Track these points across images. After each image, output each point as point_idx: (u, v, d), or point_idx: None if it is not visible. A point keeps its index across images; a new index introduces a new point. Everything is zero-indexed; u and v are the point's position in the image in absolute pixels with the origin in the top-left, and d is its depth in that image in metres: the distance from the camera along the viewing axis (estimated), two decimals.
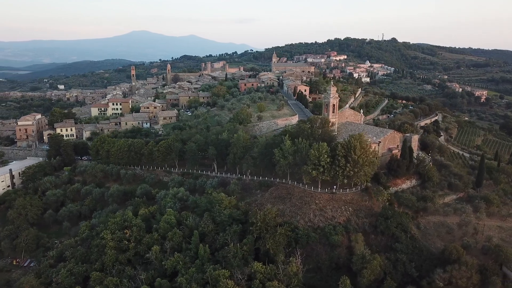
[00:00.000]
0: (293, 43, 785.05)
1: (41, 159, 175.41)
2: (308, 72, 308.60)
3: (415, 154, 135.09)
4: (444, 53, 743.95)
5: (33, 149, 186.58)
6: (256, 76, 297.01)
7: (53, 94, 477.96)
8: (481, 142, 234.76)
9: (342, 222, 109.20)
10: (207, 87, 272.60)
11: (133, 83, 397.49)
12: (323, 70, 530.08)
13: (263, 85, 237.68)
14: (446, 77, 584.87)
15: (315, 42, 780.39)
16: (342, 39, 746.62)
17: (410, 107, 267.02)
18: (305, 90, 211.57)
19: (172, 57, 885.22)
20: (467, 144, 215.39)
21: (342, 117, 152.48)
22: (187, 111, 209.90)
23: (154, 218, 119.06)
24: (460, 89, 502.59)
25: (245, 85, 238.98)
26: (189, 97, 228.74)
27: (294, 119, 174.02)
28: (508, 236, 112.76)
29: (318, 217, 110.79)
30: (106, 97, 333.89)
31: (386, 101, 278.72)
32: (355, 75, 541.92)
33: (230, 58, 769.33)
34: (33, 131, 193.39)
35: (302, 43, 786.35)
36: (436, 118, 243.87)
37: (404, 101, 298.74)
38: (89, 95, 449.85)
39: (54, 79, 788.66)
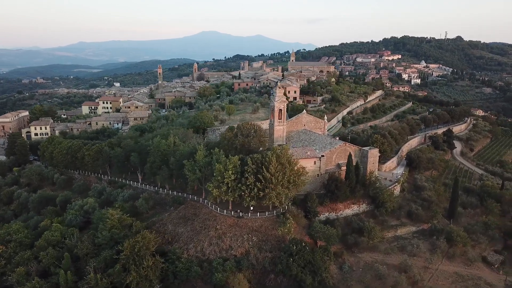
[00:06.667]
0: (347, 42, 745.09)
1: (4, 157, 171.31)
2: (327, 72, 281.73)
3: (376, 172, 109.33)
4: None
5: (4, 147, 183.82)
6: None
7: (94, 92, 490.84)
8: None
9: (239, 255, 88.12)
10: (214, 86, 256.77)
11: (159, 82, 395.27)
12: (367, 71, 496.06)
13: (258, 85, 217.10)
14: None
15: (371, 41, 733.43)
16: (398, 37, 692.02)
17: (437, 111, 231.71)
18: (295, 92, 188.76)
19: (225, 57, 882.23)
20: (489, 159, 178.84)
21: (299, 124, 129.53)
22: (164, 112, 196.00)
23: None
24: None
25: (239, 85, 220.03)
26: (174, 96, 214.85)
27: (265, 124, 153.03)
28: None
29: (213, 246, 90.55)
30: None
31: (409, 104, 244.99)
32: (404, 76, 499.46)
33: (281, 58, 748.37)
34: (10, 129, 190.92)
35: (356, 42, 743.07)
36: (461, 125, 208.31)
37: (438, 105, 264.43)
38: (126, 92, 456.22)
39: (113, 77, 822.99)
